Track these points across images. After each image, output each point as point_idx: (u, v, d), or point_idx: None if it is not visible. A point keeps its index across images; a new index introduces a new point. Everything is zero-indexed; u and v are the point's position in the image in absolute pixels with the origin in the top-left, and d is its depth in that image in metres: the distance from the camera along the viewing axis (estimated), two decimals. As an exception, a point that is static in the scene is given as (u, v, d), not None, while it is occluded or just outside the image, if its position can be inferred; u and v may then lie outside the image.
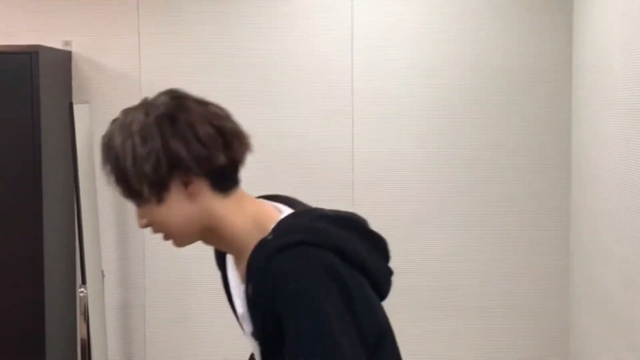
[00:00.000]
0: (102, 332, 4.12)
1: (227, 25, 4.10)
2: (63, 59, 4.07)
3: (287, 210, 1.57)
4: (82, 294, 3.78)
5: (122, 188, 1.51)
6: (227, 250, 1.62)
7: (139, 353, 4.27)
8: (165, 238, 1.57)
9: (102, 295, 4.14)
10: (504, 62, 4.05)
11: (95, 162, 3.84)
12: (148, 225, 1.55)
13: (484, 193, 4.10)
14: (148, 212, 1.53)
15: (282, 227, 1.50)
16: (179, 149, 1.47)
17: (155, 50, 4.12)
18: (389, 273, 1.64)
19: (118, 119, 1.52)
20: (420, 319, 4.13)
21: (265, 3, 4.09)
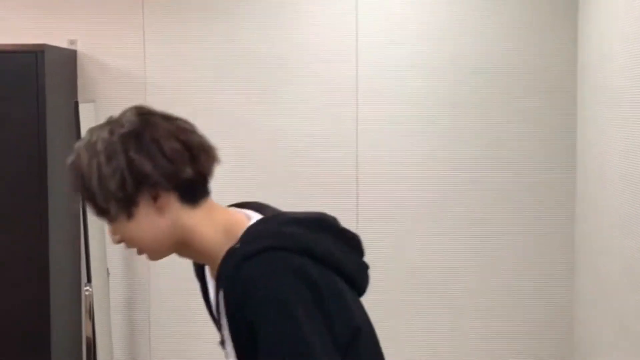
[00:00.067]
0: (107, 330, 4.13)
1: (232, 25, 4.10)
2: (68, 58, 4.09)
3: (256, 217, 1.58)
4: (87, 292, 3.79)
5: (91, 207, 1.53)
6: (201, 261, 1.64)
7: (144, 352, 4.27)
8: (139, 252, 1.59)
9: (107, 294, 4.15)
10: (509, 60, 4.04)
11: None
12: (121, 241, 1.57)
13: (488, 191, 4.09)
14: (120, 228, 1.55)
15: (249, 234, 1.52)
16: (145, 165, 1.48)
17: (160, 49, 4.13)
18: (365, 268, 1.66)
19: (84, 139, 1.54)
20: (422, 315, 4.12)
21: (271, 3, 4.09)
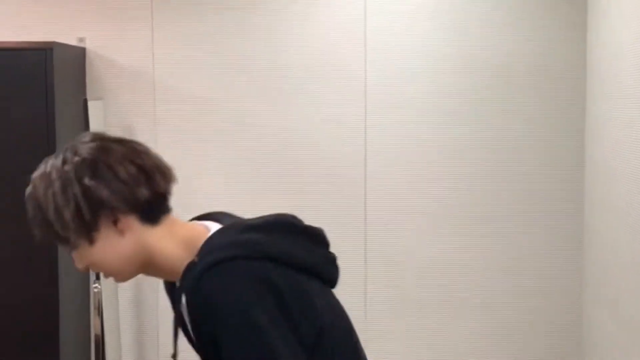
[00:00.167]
0: (115, 328, 4.13)
1: (241, 22, 4.10)
2: (77, 56, 4.09)
3: (215, 227, 1.59)
4: (96, 290, 3.80)
5: (51, 237, 1.53)
6: (167, 278, 1.65)
7: (152, 349, 4.28)
8: (106, 276, 1.60)
9: (115, 292, 4.15)
10: (517, 59, 4.03)
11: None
12: (87, 268, 1.57)
13: (496, 191, 4.09)
14: (83, 254, 1.55)
15: (207, 246, 1.52)
16: (101, 191, 1.48)
17: (169, 47, 4.13)
18: (331, 259, 1.66)
19: (39, 169, 1.54)
20: (433, 313, 4.12)
21: (280, 4, 4.08)
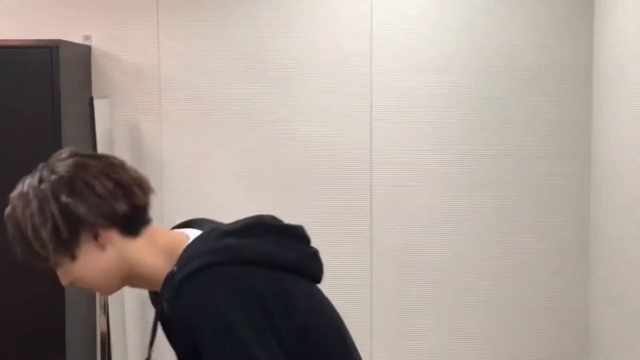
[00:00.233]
0: (121, 326, 4.13)
1: (247, 19, 4.09)
2: (83, 54, 4.08)
3: (194, 235, 1.59)
4: (102, 288, 3.79)
5: (31, 257, 1.52)
6: (151, 289, 1.65)
7: (158, 348, 4.26)
8: (91, 291, 1.61)
9: (121, 290, 4.14)
10: (524, 58, 4.02)
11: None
12: (72, 284, 1.57)
13: (502, 190, 4.07)
14: (66, 271, 1.55)
15: (185, 255, 1.52)
16: (79, 208, 1.48)
17: (175, 45, 4.12)
18: (313, 254, 1.66)
19: (17, 188, 1.53)
20: (440, 312, 4.11)
21: (286, 1, 4.09)
